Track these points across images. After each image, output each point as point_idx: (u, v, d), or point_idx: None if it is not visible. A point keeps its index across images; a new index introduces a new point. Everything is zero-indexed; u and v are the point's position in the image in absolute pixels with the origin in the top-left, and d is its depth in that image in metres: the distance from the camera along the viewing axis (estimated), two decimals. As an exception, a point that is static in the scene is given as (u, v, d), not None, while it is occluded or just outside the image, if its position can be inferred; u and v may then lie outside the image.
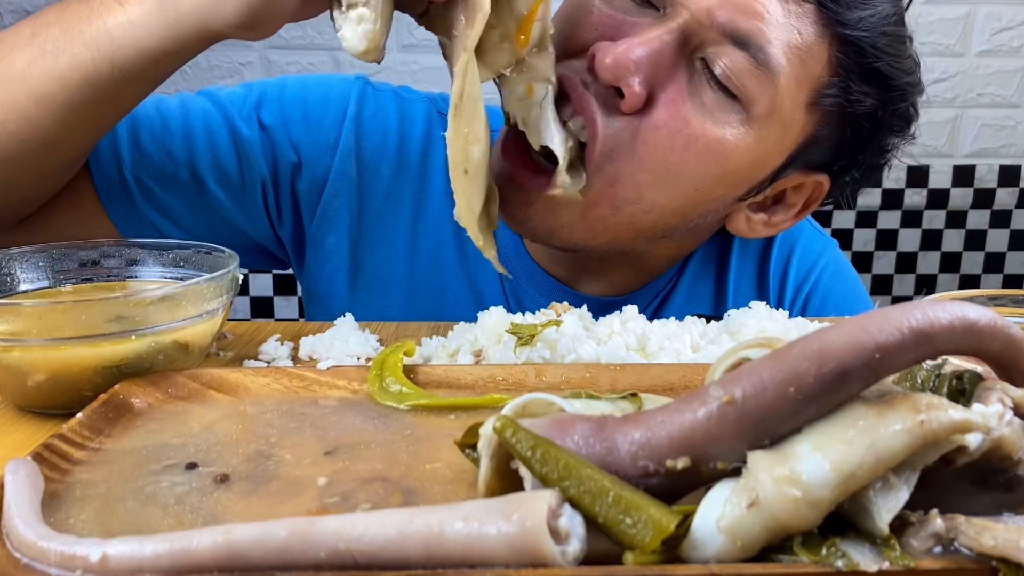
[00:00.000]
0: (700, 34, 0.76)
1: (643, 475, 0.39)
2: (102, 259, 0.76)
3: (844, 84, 0.80)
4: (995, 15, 2.26)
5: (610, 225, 0.84)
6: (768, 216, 0.92)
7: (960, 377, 0.44)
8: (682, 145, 0.78)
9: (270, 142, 0.98)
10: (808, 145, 0.84)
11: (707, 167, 0.79)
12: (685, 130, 0.77)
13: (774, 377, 0.38)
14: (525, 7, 0.71)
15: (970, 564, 0.37)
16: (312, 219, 1.02)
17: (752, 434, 0.38)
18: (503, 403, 0.47)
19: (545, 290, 1.00)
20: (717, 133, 0.78)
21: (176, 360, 0.65)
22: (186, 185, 0.94)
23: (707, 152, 0.78)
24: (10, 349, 0.59)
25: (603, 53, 0.75)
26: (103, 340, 0.60)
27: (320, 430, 0.54)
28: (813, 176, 0.88)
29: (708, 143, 0.78)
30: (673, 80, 0.77)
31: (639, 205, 0.82)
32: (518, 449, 0.40)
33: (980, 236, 2.42)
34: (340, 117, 1.01)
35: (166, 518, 0.43)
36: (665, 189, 0.81)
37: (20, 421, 0.62)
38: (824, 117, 0.82)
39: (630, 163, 0.79)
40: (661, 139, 0.77)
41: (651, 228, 0.85)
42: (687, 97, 0.77)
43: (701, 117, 0.77)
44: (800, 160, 0.85)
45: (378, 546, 0.37)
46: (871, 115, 0.83)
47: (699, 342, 0.72)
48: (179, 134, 0.94)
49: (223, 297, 0.67)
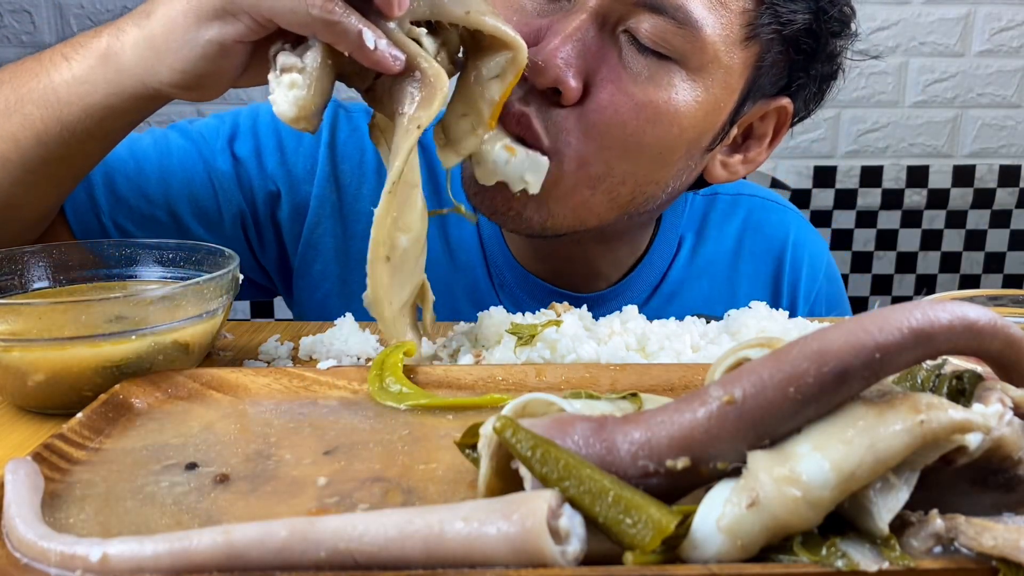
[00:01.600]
0: (615, 10, 0.77)
1: (643, 475, 0.39)
2: (102, 259, 0.76)
3: (771, 9, 0.81)
4: (995, 15, 2.26)
5: (593, 205, 0.85)
6: (743, 154, 0.94)
7: (960, 377, 0.44)
8: (632, 116, 0.79)
9: (246, 174, 0.98)
10: (757, 78, 0.85)
11: (664, 129, 0.81)
12: (630, 102, 0.78)
13: (774, 377, 0.38)
14: (498, 92, 0.70)
15: (970, 564, 0.37)
16: (296, 248, 1.02)
17: (752, 434, 0.38)
18: (503, 403, 0.47)
19: (537, 296, 1.01)
20: (662, 96, 0.79)
21: (176, 360, 0.65)
22: (165, 225, 0.95)
23: (658, 116, 0.80)
24: (10, 349, 0.59)
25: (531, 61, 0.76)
26: (103, 340, 0.60)
27: (319, 430, 0.54)
28: (774, 102, 0.90)
29: (656, 108, 0.79)
30: (604, 61, 0.78)
31: (613, 178, 0.83)
32: (518, 449, 0.40)
33: (980, 236, 2.43)
34: (315, 144, 1.01)
35: (166, 518, 0.43)
36: (632, 159, 0.82)
37: (20, 421, 0.62)
38: (763, 46, 0.83)
39: (589, 143, 0.80)
40: (610, 117, 0.79)
41: (631, 200, 0.86)
42: (622, 72, 0.78)
43: (642, 86, 0.79)
44: (755, 93, 0.87)
45: (378, 546, 0.37)
46: (808, 29, 0.84)
47: (699, 342, 0.72)
48: (154, 175, 0.94)
49: (223, 297, 0.67)
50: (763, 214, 1.10)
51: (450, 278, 1.03)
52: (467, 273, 1.03)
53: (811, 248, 1.10)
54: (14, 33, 2.18)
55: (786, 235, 1.09)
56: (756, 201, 1.10)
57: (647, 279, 1.03)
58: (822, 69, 0.89)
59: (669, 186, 0.88)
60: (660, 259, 1.04)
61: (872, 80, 2.29)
